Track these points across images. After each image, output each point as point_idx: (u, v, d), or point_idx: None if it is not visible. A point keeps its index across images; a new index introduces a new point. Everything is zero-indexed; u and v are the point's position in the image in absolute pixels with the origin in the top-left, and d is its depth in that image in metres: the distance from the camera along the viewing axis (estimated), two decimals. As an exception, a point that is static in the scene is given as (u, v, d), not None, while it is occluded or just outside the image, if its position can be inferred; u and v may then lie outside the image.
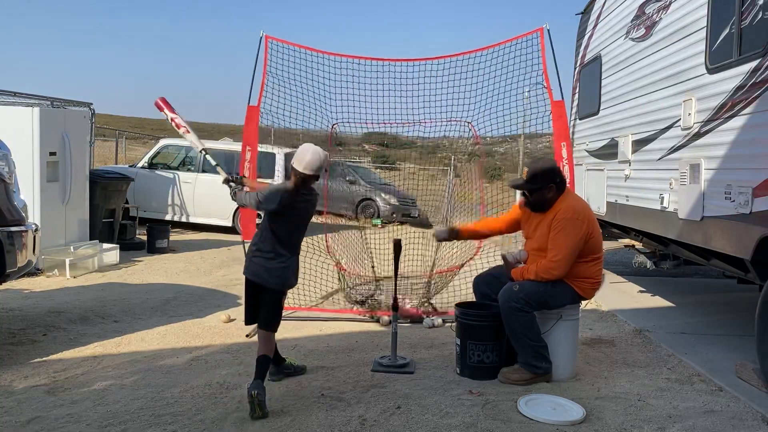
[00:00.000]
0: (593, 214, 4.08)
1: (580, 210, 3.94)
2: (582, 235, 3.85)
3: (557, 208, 3.95)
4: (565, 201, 3.98)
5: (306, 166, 3.53)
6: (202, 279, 7.31)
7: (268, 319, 3.64)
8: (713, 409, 3.54)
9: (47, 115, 7.37)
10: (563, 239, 3.83)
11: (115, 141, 18.53)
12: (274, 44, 5.78)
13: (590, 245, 3.92)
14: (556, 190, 3.98)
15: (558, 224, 3.86)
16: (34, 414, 3.31)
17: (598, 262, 4.01)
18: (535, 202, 4.03)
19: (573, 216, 3.86)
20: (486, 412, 3.43)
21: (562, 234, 3.84)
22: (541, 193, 3.98)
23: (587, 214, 3.97)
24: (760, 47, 3.98)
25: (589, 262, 3.95)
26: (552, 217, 3.92)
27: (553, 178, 3.98)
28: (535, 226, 4.08)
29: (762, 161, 3.90)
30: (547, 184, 3.96)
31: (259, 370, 3.47)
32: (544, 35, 5.51)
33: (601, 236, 4.08)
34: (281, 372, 3.97)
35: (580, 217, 3.89)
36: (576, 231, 3.84)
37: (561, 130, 5.41)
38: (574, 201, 4.04)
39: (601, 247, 4.05)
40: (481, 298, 4.25)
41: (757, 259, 3.96)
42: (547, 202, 4.00)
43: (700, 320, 5.74)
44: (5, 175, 4.43)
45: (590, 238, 3.90)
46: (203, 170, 11.22)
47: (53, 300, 5.95)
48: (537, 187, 3.97)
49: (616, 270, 8.30)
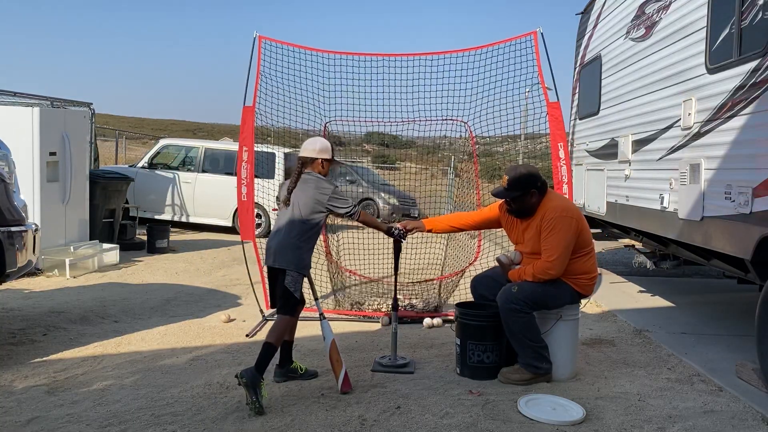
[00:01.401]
0: (578, 209, 4.09)
1: (566, 207, 3.95)
2: (573, 232, 3.86)
3: (543, 209, 3.95)
4: (550, 201, 3.99)
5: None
6: (202, 279, 7.31)
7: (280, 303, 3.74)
8: (713, 409, 3.54)
9: (47, 115, 7.37)
10: (555, 238, 3.84)
11: (115, 141, 18.55)
12: (268, 44, 5.79)
13: (581, 240, 3.93)
14: (538, 194, 3.98)
15: (548, 225, 3.87)
16: (34, 414, 3.31)
17: (590, 256, 4.02)
18: (519, 209, 4.03)
19: (561, 214, 3.87)
20: (486, 412, 3.43)
21: (553, 234, 3.84)
22: (523, 199, 3.97)
23: (574, 210, 3.99)
24: (760, 47, 3.98)
25: (582, 257, 3.95)
26: (540, 219, 3.93)
27: (533, 183, 3.95)
28: (523, 231, 4.09)
29: (762, 161, 3.90)
30: (528, 190, 3.94)
31: (258, 358, 3.46)
32: (538, 38, 5.53)
33: (590, 231, 4.09)
34: (285, 375, 3.90)
35: (568, 214, 3.90)
36: (566, 228, 3.84)
37: (557, 131, 5.43)
38: (559, 200, 4.06)
39: (591, 240, 4.06)
40: (480, 300, 4.25)
41: (757, 259, 3.96)
42: (530, 208, 4.00)
43: (700, 320, 5.74)
44: (5, 175, 4.43)
45: (580, 233, 3.91)
46: (203, 170, 11.23)
47: (53, 300, 5.95)
48: (518, 195, 3.96)
49: (616, 270, 8.30)
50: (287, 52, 5.89)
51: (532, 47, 5.58)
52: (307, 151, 3.85)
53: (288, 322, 3.72)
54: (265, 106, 5.76)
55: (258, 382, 3.35)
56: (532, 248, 3.99)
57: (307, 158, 3.84)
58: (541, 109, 5.60)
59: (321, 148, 3.85)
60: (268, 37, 5.78)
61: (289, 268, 3.64)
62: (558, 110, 5.46)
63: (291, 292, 3.64)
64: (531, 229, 3.99)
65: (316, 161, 3.83)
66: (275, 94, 5.85)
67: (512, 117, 5.88)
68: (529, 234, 4.00)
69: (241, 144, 5.64)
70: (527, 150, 11.50)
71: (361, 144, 12.34)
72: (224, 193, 10.57)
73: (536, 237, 3.93)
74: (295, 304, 3.72)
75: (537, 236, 3.93)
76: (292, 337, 3.94)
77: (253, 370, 3.37)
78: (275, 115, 5.84)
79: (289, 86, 5.92)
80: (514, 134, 7.52)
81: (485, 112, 5.94)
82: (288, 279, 3.64)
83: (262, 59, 5.69)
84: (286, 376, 3.89)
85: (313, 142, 3.89)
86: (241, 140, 5.65)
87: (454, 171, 13.33)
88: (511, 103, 5.83)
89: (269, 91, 5.80)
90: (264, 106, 5.74)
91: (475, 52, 5.90)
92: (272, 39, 5.82)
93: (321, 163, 3.85)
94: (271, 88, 5.82)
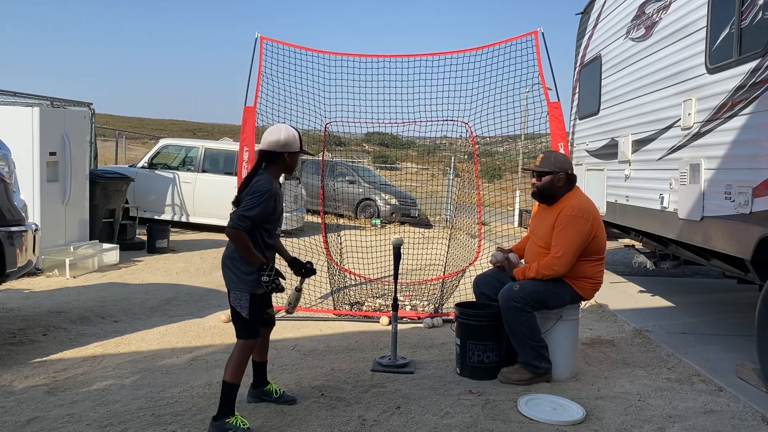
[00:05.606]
0: (599, 214, 4.08)
1: (585, 209, 3.94)
2: (585, 234, 3.85)
3: (563, 204, 3.96)
4: (572, 198, 3.99)
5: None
6: (202, 279, 7.31)
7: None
8: (713, 409, 3.54)
9: (47, 115, 7.36)
10: (566, 236, 3.84)
11: (115, 141, 18.55)
12: (269, 45, 5.80)
13: (594, 245, 3.92)
14: (566, 181, 4.01)
15: (562, 221, 3.87)
16: (34, 414, 3.31)
17: (600, 263, 4.01)
18: (543, 187, 4.03)
19: (577, 214, 3.87)
20: (486, 412, 3.43)
21: (565, 231, 3.85)
22: (552, 179, 3.99)
23: (593, 213, 3.97)
24: (760, 47, 3.98)
25: (591, 262, 3.95)
26: (557, 213, 3.93)
27: (565, 167, 4.03)
28: (539, 221, 4.10)
29: (762, 161, 3.90)
30: (558, 172, 3.98)
31: (219, 402, 3.06)
32: (539, 38, 5.54)
33: (605, 238, 4.07)
34: (258, 396, 3.49)
35: (585, 215, 3.89)
36: (579, 229, 3.84)
37: (557, 131, 5.44)
38: (581, 200, 4.04)
39: (604, 249, 4.04)
40: (481, 298, 4.25)
41: (757, 259, 3.96)
42: (555, 193, 4.01)
43: (700, 320, 5.74)
44: (5, 175, 4.43)
45: (594, 238, 3.91)
46: (203, 170, 11.22)
47: (53, 300, 5.95)
48: (548, 171, 3.99)
49: (616, 270, 8.31)
50: (288, 52, 5.91)
51: (532, 47, 5.59)
52: (269, 143, 3.15)
53: (243, 348, 3.11)
54: (266, 106, 5.77)
55: (226, 428, 3.01)
56: (542, 241, 4.00)
57: (268, 153, 3.17)
58: (542, 109, 5.60)
59: (285, 140, 3.16)
60: (270, 38, 5.79)
61: (230, 287, 3.17)
62: (558, 110, 5.46)
63: (237, 311, 3.12)
64: (547, 222, 3.99)
65: (281, 157, 3.16)
66: (276, 95, 5.87)
67: (512, 117, 5.90)
68: (545, 225, 4.00)
69: (242, 144, 5.66)
70: (527, 150, 11.50)
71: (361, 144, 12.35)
72: (224, 193, 10.54)
73: (549, 230, 3.94)
74: (244, 325, 3.12)
75: (550, 229, 3.93)
76: (265, 357, 3.50)
77: (212, 423, 3.04)
78: (276, 115, 5.85)
79: (290, 86, 5.94)
80: (515, 134, 7.52)
81: (486, 112, 5.95)
82: (232, 297, 3.15)
83: (264, 60, 5.69)
84: (260, 398, 3.48)
85: (275, 132, 3.17)
86: (242, 140, 5.67)
87: (454, 171, 13.35)
88: (512, 103, 5.85)
89: (270, 91, 5.82)
90: (265, 106, 5.76)
91: (475, 53, 5.91)
92: (273, 40, 5.83)
93: (286, 157, 3.17)
94: (272, 88, 5.84)
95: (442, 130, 6.36)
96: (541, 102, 5.58)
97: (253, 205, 3.02)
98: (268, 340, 3.49)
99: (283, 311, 3.58)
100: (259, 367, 3.49)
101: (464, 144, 6.87)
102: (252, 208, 3.01)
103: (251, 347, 3.17)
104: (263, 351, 3.47)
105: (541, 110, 5.62)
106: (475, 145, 6.21)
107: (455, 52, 5.93)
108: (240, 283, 3.12)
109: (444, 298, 5.97)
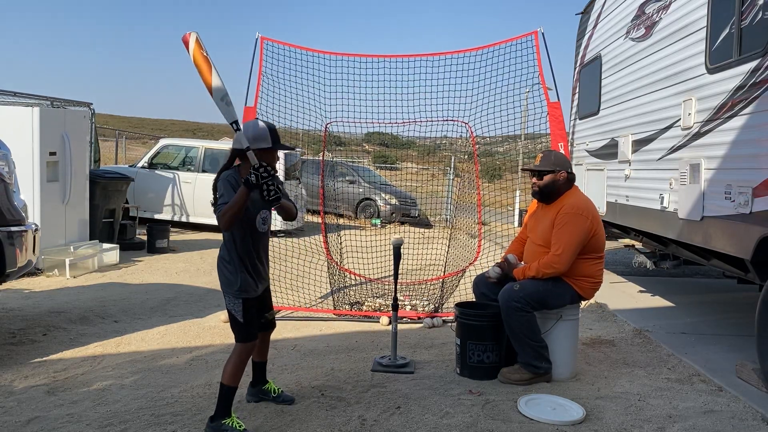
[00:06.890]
0: (597, 212, 4.09)
1: (584, 207, 3.95)
2: (585, 232, 3.86)
3: (562, 203, 3.97)
4: (571, 197, 4.01)
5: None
6: (202, 279, 7.31)
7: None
8: (713, 409, 3.54)
9: (47, 115, 7.36)
10: (565, 234, 3.84)
11: (115, 141, 18.56)
12: (270, 45, 5.80)
13: (593, 243, 3.93)
14: (566, 180, 4.03)
15: (561, 219, 3.89)
16: (34, 414, 3.31)
17: (599, 261, 4.02)
18: (545, 186, 4.05)
19: (576, 212, 3.88)
20: (486, 412, 3.43)
21: (564, 229, 3.85)
22: (553, 178, 4.01)
23: (591, 211, 3.98)
24: (760, 47, 3.98)
25: (591, 260, 3.95)
26: (556, 212, 3.94)
27: (566, 165, 4.07)
28: (538, 220, 4.11)
29: (762, 161, 3.90)
30: (559, 169, 4.01)
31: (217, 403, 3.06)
32: (539, 38, 5.54)
33: (604, 236, 4.08)
34: (257, 395, 3.51)
35: (584, 213, 3.90)
36: (579, 227, 3.85)
37: (558, 131, 5.44)
38: (580, 198, 4.05)
39: (603, 247, 4.05)
40: (481, 298, 4.25)
41: (757, 259, 3.96)
42: (554, 191, 4.03)
43: (700, 320, 5.74)
44: (5, 175, 4.43)
45: (594, 236, 3.92)
46: (203, 170, 11.23)
47: (53, 300, 5.95)
48: (550, 170, 4.01)
49: (616, 270, 8.31)
50: (288, 52, 5.91)
51: (532, 47, 5.59)
52: (238, 141, 2.95)
53: (241, 352, 3.09)
54: (266, 106, 5.77)
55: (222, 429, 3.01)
56: (541, 239, 4.01)
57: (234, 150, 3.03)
58: (542, 109, 5.60)
59: (255, 135, 2.99)
60: (270, 38, 5.79)
61: (223, 290, 3.15)
62: (558, 110, 5.47)
63: (233, 315, 3.11)
64: (546, 220, 4.00)
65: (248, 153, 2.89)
66: (276, 95, 5.87)
67: (512, 117, 5.90)
68: (544, 224, 4.01)
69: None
70: (527, 150, 11.50)
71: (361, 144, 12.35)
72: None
73: (549, 229, 3.95)
74: (240, 329, 3.10)
75: (550, 228, 3.94)
76: (264, 357, 3.51)
77: (208, 424, 3.05)
78: (276, 115, 5.85)
79: (291, 87, 5.94)
80: (515, 134, 7.52)
81: (486, 112, 5.95)
82: (226, 300, 3.15)
83: (264, 60, 5.69)
84: (258, 397, 3.50)
85: (249, 128, 3.04)
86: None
87: (454, 171, 13.35)
88: (512, 103, 5.85)
89: (270, 91, 5.82)
90: (265, 106, 5.75)
91: (475, 53, 5.91)
92: (274, 40, 5.83)
93: (259, 155, 2.92)
94: (272, 88, 5.84)
95: (442, 130, 6.36)
96: (541, 102, 5.59)
97: (219, 201, 2.95)
98: (268, 341, 3.50)
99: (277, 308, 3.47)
100: (259, 366, 3.51)
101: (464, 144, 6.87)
102: (221, 205, 2.93)
103: (249, 351, 3.14)
104: (263, 351, 3.48)
105: (541, 110, 5.62)
106: (475, 145, 6.21)
107: (455, 52, 5.94)
108: (228, 285, 3.12)
109: (444, 298, 5.97)
